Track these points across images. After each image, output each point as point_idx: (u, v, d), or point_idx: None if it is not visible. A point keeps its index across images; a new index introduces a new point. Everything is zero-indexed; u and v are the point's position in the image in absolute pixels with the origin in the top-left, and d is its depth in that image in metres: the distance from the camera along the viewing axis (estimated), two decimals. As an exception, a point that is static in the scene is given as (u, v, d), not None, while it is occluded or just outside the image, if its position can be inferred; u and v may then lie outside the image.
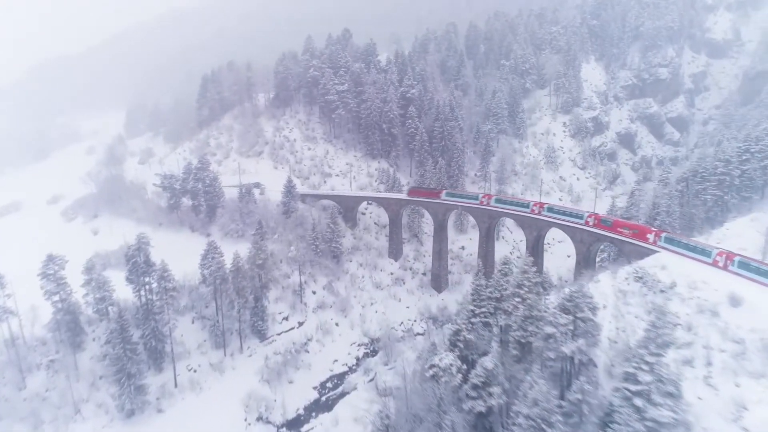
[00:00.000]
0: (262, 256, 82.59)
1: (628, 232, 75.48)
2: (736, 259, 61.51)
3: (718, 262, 63.31)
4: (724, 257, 62.62)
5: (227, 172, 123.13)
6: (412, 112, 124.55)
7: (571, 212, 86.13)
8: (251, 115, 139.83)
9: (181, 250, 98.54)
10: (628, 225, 77.42)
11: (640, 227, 77.29)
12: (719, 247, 65.17)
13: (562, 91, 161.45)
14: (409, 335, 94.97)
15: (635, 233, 74.61)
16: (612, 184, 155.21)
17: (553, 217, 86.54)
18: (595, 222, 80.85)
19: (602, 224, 79.68)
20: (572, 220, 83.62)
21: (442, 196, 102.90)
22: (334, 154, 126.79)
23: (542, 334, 51.96)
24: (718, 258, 63.48)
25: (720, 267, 62.54)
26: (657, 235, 71.68)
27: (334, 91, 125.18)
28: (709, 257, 64.46)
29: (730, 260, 62.00)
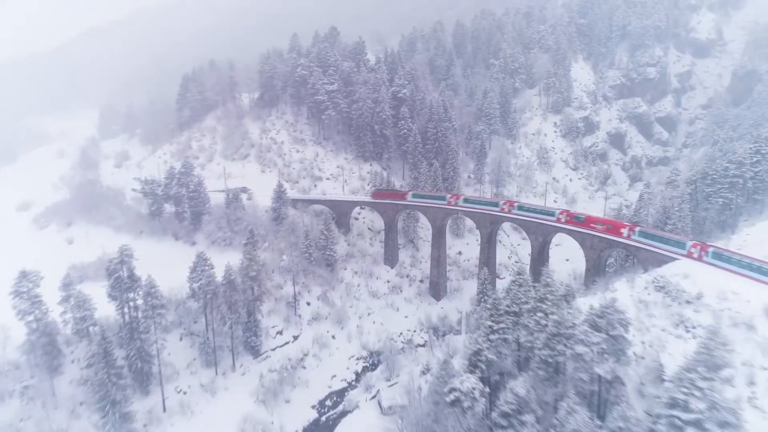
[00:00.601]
0: (256, 268, 77.26)
1: (601, 228, 77.02)
2: (710, 250, 63.68)
3: (692, 253, 65.41)
4: (698, 249, 64.88)
5: (211, 177, 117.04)
6: (404, 112, 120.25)
7: (542, 210, 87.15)
8: (235, 116, 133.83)
9: (165, 260, 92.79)
10: (601, 220, 79.35)
11: (613, 222, 79.01)
12: (692, 239, 67.71)
13: (552, 90, 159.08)
14: (410, 347, 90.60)
15: (609, 228, 76.20)
16: (603, 184, 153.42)
17: (524, 215, 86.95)
18: (567, 219, 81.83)
19: (574, 221, 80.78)
20: (544, 217, 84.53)
21: (407, 198, 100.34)
22: (324, 156, 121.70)
23: (572, 354, 48.17)
24: (692, 249, 65.57)
25: (695, 258, 64.69)
26: (631, 230, 73.29)
27: (323, 91, 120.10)
28: (684, 249, 66.51)
29: (704, 251, 64.19)
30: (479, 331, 57.15)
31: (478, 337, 55.10)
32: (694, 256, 65.26)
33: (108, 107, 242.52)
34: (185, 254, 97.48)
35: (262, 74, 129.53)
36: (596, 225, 78.21)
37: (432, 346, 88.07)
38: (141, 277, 69.22)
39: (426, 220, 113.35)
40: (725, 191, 77.33)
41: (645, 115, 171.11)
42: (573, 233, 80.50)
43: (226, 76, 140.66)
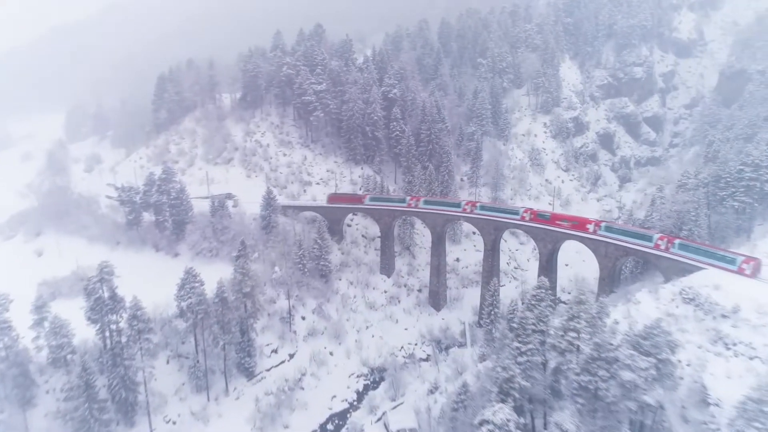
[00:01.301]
0: (250, 283, 71.26)
1: (567, 224, 78.68)
2: (676, 242, 66.99)
3: (660, 245, 68.07)
4: (665, 240, 67.84)
5: (193, 182, 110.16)
6: (396, 113, 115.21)
7: (506, 209, 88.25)
8: (216, 118, 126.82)
9: (146, 273, 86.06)
10: (566, 217, 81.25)
11: (579, 219, 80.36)
12: (659, 232, 71.18)
13: (541, 90, 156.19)
14: (413, 362, 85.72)
15: (575, 225, 78.04)
16: (594, 186, 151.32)
17: (487, 214, 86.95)
18: (531, 217, 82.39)
19: (539, 218, 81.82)
20: (509, 216, 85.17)
21: (365, 201, 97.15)
22: (312, 160, 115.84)
23: (618, 381, 43.89)
24: (659, 242, 68.24)
25: (662, 250, 67.37)
26: (597, 225, 75.69)
27: (311, 91, 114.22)
28: (651, 241, 69.18)
29: (671, 243, 66.99)
30: (504, 352, 52.57)
31: (505, 360, 50.45)
32: (661, 248, 67.89)
33: (76, 108, 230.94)
34: (168, 267, 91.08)
35: (245, 73, 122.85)
36: (562, 222, 79.53)
37: (437, 360, 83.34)
38: (124, 298, 62.60)
39: (421, 226, 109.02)
40: (741, 195, 74.52)
41: (632, 115, 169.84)
42: (585, 240, 76.79)
43: (205, 76, 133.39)
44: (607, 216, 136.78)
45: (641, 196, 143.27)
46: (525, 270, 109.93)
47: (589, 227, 75.93)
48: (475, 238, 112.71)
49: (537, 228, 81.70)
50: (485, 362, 74.87)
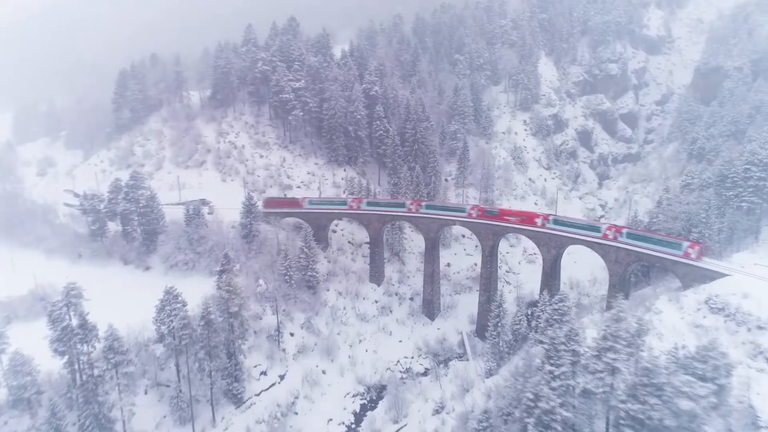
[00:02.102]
0: (237, 302, 64.46)
1: (515, 219, 79.81)
2: (624, 231, 70.29)
3: (608, 235, 70.62)
4: (613, 230, 70.63)
5: (162, 187, 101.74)
6: (379, 112, 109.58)
7: (453, 207, 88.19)
8: (184, 117, 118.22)
9: (114, 289, 77.97)
10: (514, 213, 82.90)
11: (527, 213, 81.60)
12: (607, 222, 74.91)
13: (520, 87, 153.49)
14: (411, 377, 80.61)
15: (523, 219, 79.27)
16: (575, 183, 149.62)
17: (433, 213, 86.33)
18: (479, 213, 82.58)
19: (487, 215, 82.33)
20: (456, 214, 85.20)
21: (304, 205, 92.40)
22: (292, 162, 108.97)
23: (674, 409, 39.71)
24: (608, 232, 70.93)
25: (610, 240, 69.83)
26: (545, 218, 76.94)
27: (289, 89, 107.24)
28: (599, 232, 72.05)
29: (619, 233, 69.81)
30: (536, 377, 47.89)
31: (539, 387, 45.78)
32: (609, 238, 70.05)
33: (25, 108, 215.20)
34: (139, 281, 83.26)
35: (216, 70, 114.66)
36: (510, 217, 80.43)
37: (438, 375, 78.35)
38: (96, 326, 54.96)
39: (410, 231, 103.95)
40: (749, 195, 72.32)
41: (609, 112, 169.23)
42: (593, 245, 73.17)
43: (171, 72, 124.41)
44: (591, 215, 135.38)
45: (623, 194, 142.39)
46: (517, 273, 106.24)
47: (538, 221, 77.20)
48: (465, 242, 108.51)
49: (541, 233, 77.69)
50: (493, 378, 70.48)
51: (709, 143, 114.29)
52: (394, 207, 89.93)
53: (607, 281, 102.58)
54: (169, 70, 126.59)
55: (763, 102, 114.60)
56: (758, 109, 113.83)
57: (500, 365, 71.65)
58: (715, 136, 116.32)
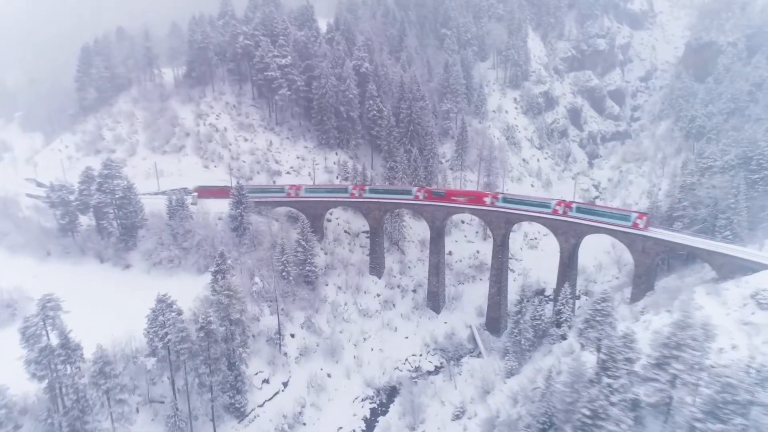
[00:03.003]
0: (238, 307, 57.72)
1: (463, 200, 78.61)
2: (574, 206, 71.50)
3: (557, 210, 71.57)
4: (563, 206, 71.50)
5: (137, 175, 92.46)
6: (372, 90, 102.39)
7: (398, 190, 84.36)
8: (157, 98, 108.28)
9: (90, 291, 70.34)
10: (461, 192, 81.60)
11: (475, 193, 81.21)
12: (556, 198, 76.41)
13: (510, 63, 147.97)
14: (421, 376, 75.66)
15: (471, 199, 78.40)
16: (566, 163, 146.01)
17: (379, 197, 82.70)
18: (425, 195, 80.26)
19: (434, 196, 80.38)
20: (403, 198, 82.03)
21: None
22: (279, 145, 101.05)
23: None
24: (557, 207, 71.79)
25: (560, 215, 70.86)
26: (494, 197, 76.56)
27: (274, 66, 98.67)
28: (549, 208, 72.56)
29: (568, 207, 71.01)
30: (591, 389, 43.05)
31: (596, 401, 40.99)
32: (559, 213, 70.98)
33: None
34: (118, 281, 75.24)
35: (192, 45, 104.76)
36: (457, 198, 79.04)
37: (451, 374, 73.53)
38: (81, 344, 47.61)
39: (410, 219, 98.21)
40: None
41: (597, 89, 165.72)
42: (618, 234, 68.91)
43: (140, 48, 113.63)
44: (586, 196, 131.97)
45: (616, 173, 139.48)
46: (519, 260, 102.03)
47: (486, 200, 76.52)
48: (465, 228, 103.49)
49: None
50: (515, 378, 66.07)
51: (710, 122, 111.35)
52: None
53: (612, 267, 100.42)
54: (137, 46, 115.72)
55: (764, 79, 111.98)
56: (759, 86, 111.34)
57: (521, 363, 67.29)
58: (714, 114, 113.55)
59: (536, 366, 64.73)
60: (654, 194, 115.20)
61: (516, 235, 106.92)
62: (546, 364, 63.31)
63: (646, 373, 42.57)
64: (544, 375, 59.11)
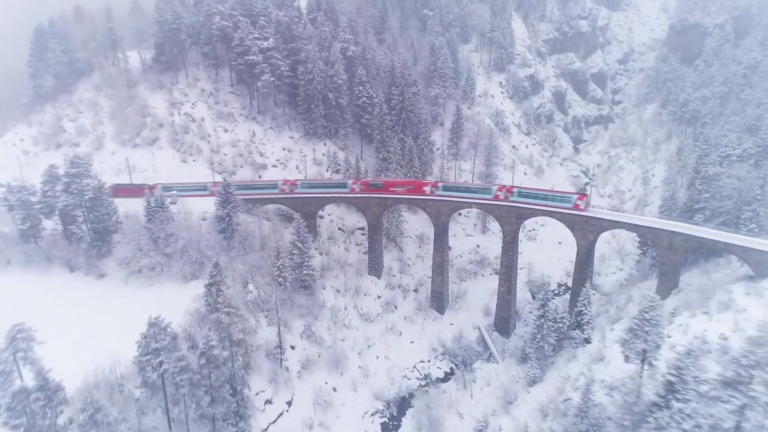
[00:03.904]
0: (241, 325, 51.08)
1: (402, 190, 75.48)
2: (515, 190, 71.77)
3: (499, 196, 71.72)
4: (504, 191, 71.69)
5: (107, 171, 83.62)
6: (361, 75, 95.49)
7: (332, 183, 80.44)
8: (124, 84, 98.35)
9: (61, 305, 63.12)
10: (400, 183, 77.57)
11: (414, 182, 78.24)
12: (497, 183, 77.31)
13: (494, 46, 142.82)
14: (432, 384, 70.72)
15: (410, 189, 75.63)
16: (553, 148, 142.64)
17: (312, 192, 78.05)
18: (362, 188, 76.64)
19: (372, 188, 76.75)
20: (338, 191, 78.09)
21: (156, 191, 76.28)
22: (263, 136, 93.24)
23: None
24: (498, 193, 71.95)
25: (503, 200, 71.15)
26: (434, 186, 74.74)
27: (256, 50, 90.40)
28: (490, 194, 72.46)
29: (510, 192, 71.35)
30: (659, 413, 38.62)
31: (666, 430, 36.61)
32: (500, 198, 70.97)
33: None
34: (93, 294, 67.05)
35: (161, 26, 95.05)
36: (396, 188, 75.68)
37: (465, 382, 68.75)
38: (63, 384, 40.34)
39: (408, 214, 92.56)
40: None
41: (580, 72, 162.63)
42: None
43: (103, 29, 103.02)
44: (576, 183, 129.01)
45: (605, 159, 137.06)
46: (519, 252, 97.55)
47: (426, 189, 74.59)
48: (462, 221, 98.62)
49: (570, 215, 68.80)
50: (539, 386, 61.81)
51: (705, 106, 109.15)
52: (263, 189, 78.51)
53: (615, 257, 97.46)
54: (99, 27, 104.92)
55: (758, 62, 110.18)
56: (753, 69, 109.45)
57: (544, 370, 63.04)
58: (708, 98, 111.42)
59: (561, 373, 60.70)
60: (648, 180, 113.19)
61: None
62: (573, 372, 59.36)
63: (715, 392, 38.48)
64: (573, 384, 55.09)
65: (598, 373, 55.41)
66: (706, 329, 51.79)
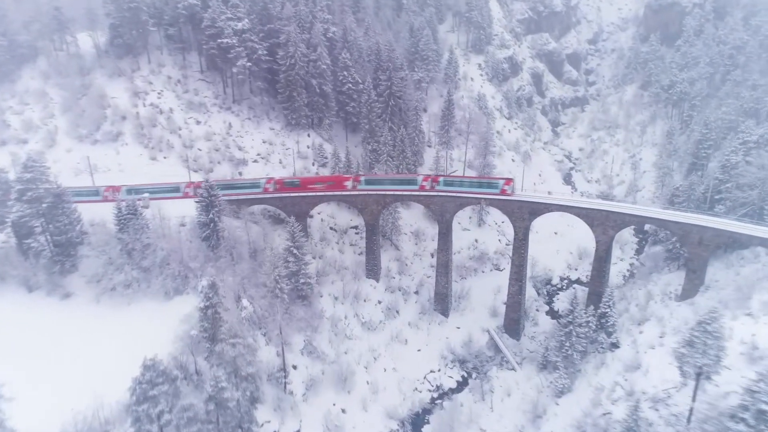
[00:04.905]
0: (249, 357, 44.04)
1: (321, 186, 70.50)
2: (441, 179, 69.65)
3: (425, 186, 68.92)
4: (429, 181, 68.97)
5: (64, 172, 73.25)
6: (345, 59, 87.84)
7: (241, 183, 71.36)
8: (76, 71, 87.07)
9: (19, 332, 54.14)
10: (318, 179, 72.71)
11: (333, 178, 72.97)
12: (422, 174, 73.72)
13: (472, 26, 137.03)
14: (444, 395, 65.62)
15: (331, 185, 70.82)
16: (534, 132, 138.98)
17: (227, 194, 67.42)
18: (277, 187, 70.17)
19: (288, 186, 70.70)
20: (246, 192, 69.71)
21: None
22: (240, 128, 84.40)
23: None
24: (424, 183, 68.99)
25: (429, 190, 68.48)
26: (356, 180, 70.43)
27: (230, 31, 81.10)
28: (416, 185, 69.23)
29: (435, 182, 68.97)
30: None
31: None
32: (426, 188, 68.48)
33: None
34: (57, 317, 58.28)
35: (119, 5, 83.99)
36: (315, 185, 70.54)
37: (483, 394, 63.80)
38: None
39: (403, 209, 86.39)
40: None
41: (555, 53, 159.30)
42: (663, 224, 61.20)
43: (47, 9, 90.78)
44: (562, 168, 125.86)
45: (588, 142, 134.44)
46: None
47: (347, 184, 70.25)
48: (459, 214, 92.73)
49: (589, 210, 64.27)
50: (568, 397, 57.53)
51: (693, 87, 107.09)
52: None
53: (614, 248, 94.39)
54: (42, 6, 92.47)
55: (744, 42, 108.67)
56: (740, 50, 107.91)
57: (572, 379, 58.77)
58: (695, 79, 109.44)
59: (592, 382, 56.61)
60: (637, 165, 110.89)
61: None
62: (606, 381, 55.30)
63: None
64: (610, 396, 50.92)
65: (638, 384, 51.51)
66: (754, 333, 48.43)
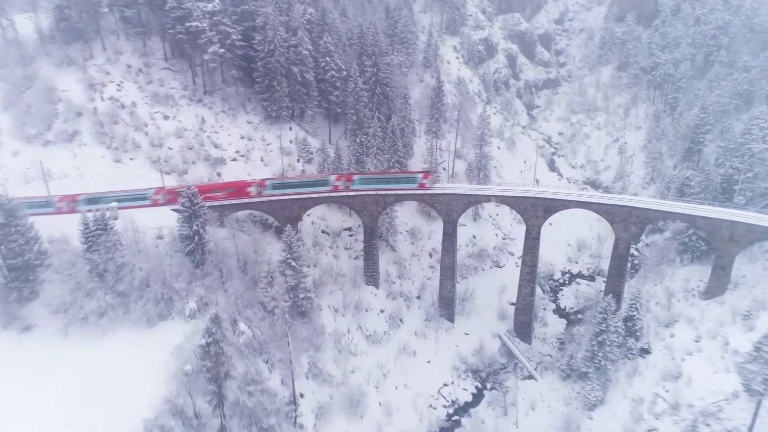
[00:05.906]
0: (270, 405, 37.51)
1: (222, 194, 63.13)
2: (355, 177, 65.54)
3: (338, 186, 65.20)
4: (344, 180, 65.53)
5: (11, 179, 63.59)
6: (327, 44, 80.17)
7: (133, 195, 62.18)
8: (17, 60, 75.65)
9: None
10: (217, 186, 64.93)
11: (235, 183, 65.43)
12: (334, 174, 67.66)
13: (447, 6, 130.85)
14: (461, 410, 60.90)
15: (233, 192, 63.74)
16: (511, 116, 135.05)
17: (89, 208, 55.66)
18: (168, 198, 61.81)
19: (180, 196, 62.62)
20: (137, 204, 61.15)
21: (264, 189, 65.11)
22: (214, 122, 75.56)
23: None
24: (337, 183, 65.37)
25: (343, 189, 65.00)
26: (261, 185, 63.83)
27: (199, 14, 71.76)
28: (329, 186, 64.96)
29: (350, 181, 65.42)
30: None
31: None
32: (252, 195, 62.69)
33: None
34: (16, 355, 49.52)
35: (65, -17, 72.91)
36: (215, 193, 62.84)
37: (506, 408, 59.26)
38: None
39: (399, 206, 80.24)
40: None
41: (527, 33, 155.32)
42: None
43: (-24, -13, 78.32)
44: (545, 153, 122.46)
45: (567, 126, 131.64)
46: (513, 239, 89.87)
47: (251, 190, 63.35)
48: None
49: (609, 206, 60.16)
50: (602, 410, 53.71)
51: (678, 70, 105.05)
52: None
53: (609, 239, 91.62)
54: (-30, -16, 79.74)
55: (726, 22, 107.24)
56: (724, 30, 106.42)
57: (605, 390, 54.96)
58: (679, 60, 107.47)
59: (627, 393, 52.98)
60: (624, 149, 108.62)
61: (504, 210, 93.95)
62: (643, 392, 51.71)
63: None
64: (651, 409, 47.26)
65: (682, 395, 48.08)
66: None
